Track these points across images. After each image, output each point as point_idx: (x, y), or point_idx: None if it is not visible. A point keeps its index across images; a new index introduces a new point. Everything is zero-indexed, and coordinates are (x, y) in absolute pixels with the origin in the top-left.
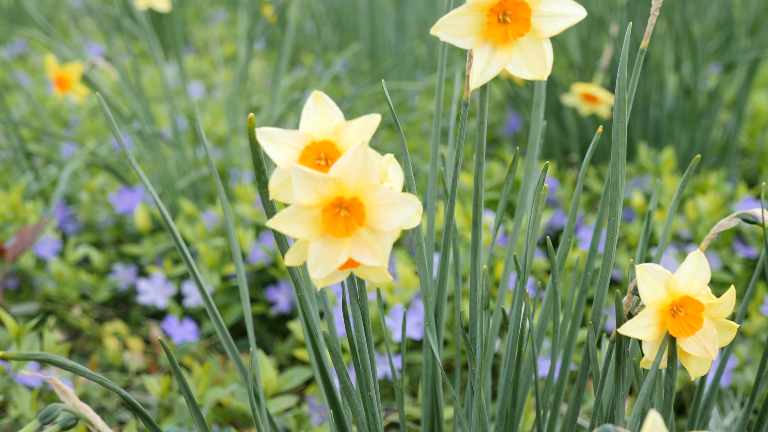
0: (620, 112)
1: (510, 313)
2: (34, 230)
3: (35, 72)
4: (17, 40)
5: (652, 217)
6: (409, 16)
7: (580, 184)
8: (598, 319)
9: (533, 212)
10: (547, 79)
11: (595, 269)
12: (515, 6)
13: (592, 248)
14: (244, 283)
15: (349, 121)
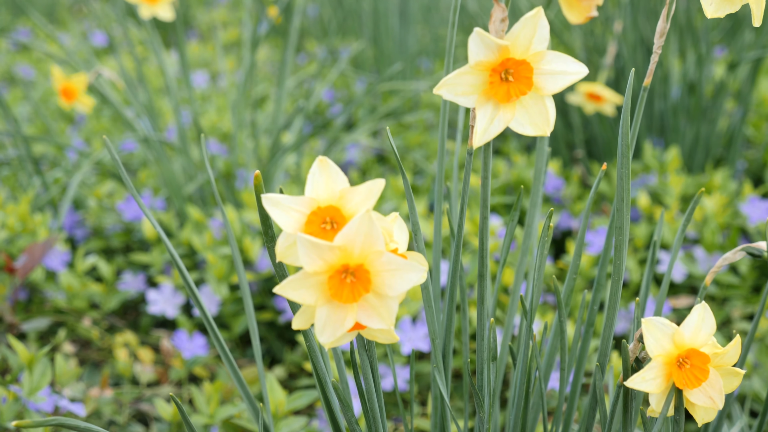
0: (624, 158)
1: (517, 353)
2: (43, 247)
3: (39, 62)
4: (21, 29)
5: (657, 247)
6: (413, 2)
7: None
8: (604, 361)
9: (539, 257)
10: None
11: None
12: (517, 65)
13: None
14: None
15: (354, 186)
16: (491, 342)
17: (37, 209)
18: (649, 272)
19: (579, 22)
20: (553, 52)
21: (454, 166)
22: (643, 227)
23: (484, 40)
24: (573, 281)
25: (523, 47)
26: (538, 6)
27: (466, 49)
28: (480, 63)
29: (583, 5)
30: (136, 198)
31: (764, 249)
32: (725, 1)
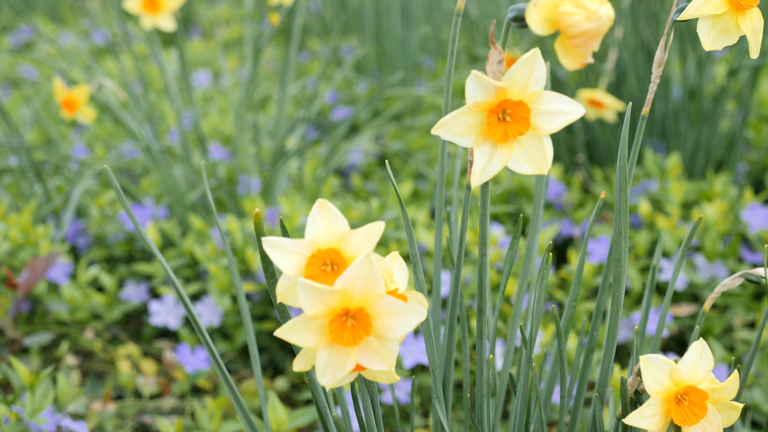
0: (622, 191)
1: (518, 379)
2: (46, 262)
3: (42, 63)
4: (23, 27)
5: (656, 272)
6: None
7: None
8: (604, 391)
9: (537, 289)
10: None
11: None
12: (514, 105)
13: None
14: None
15: (354, 229)
16: (490, 378)
17: (39, 218)
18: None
19: (575, 68)
20: (551, 92)
21: (456, 170)
22: (644, 235)
23: (482, 82)
24: (572, 309)
25: (521, 88)
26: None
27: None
28: (477, 104)
29: (578, 51)
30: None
31: (762, 275)
32: (723, 34)
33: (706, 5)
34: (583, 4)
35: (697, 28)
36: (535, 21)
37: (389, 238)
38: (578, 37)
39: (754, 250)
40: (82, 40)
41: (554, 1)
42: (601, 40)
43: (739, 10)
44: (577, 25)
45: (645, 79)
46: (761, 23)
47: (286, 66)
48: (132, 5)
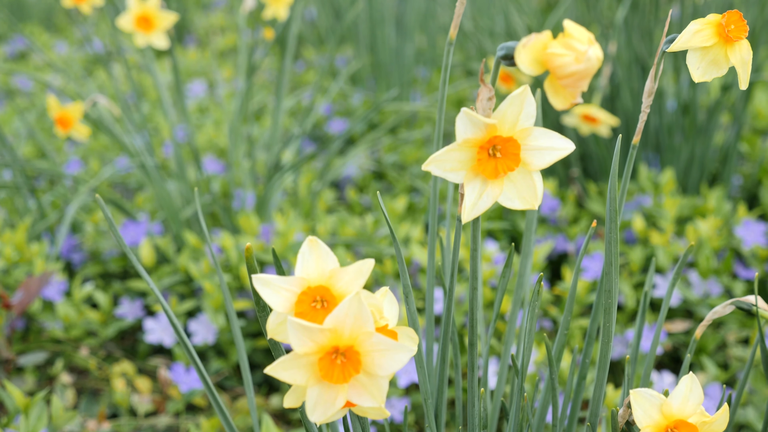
0: (612, 223)
1: (510, 406)
2: (40, 281)
3: (37, 71)
4: (18, 36)
5: (648, 297)
6: (409, 9)
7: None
8: (595, 421)
9: (528, 321)
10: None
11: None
12: (505, 142)
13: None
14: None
15: (344, 267)
16: (481, 411)
17: (34, 235)
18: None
19: (564, 108)
20: (540, 128)
21: (450, 184)
22: (638, 251)
23: (472, 119)
24: (564, 336)
25: (510, 124)
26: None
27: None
28: (468, 140)
29: (568, 91)
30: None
31: (753, 303)
32: (712, 66)
33: (696, 37)
34: (572, 45)
35: (687, 60)
36: (524, 62)
37: (384, 255)
38: (567, 78)
39: (748, 266)
40: (77, 50)
41: (543, 42)
42: (590, 81)
43: (728, 42)
44: (566, 66)
45: (639, 93)
46: (750, 55)
47: (281, 78)
48: (125, 23)
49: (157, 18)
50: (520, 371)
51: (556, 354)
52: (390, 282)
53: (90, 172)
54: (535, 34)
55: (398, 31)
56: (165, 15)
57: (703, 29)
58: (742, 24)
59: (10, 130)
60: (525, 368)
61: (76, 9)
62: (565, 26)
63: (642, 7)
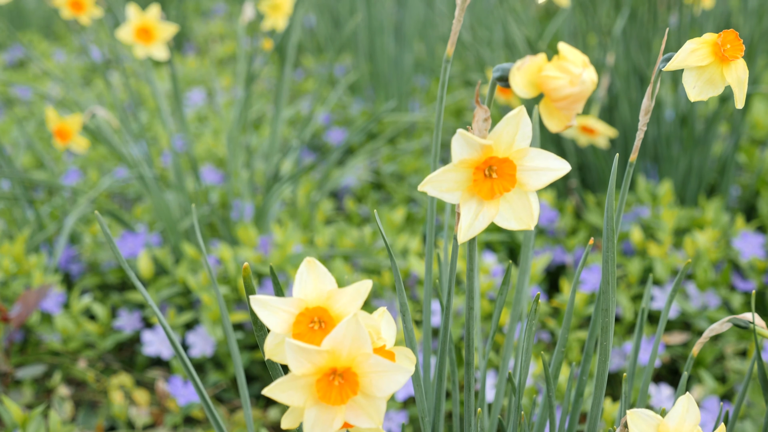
0: (609, 242)
1: (507, 423)
2: (38, 295)
3: (36, 80)
4: (17, 44)
5: (646, 313)
6: (408, 18)
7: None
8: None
9: (526, 339)
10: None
11: None
12: (501, 162)
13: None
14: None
15: (341, 288)
16: (479, 430)
17: (32, 246)
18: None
19: (559, 131)
20: (536, 149)
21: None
22: (636, 263)
23: (468, 140)
24: (561, 354)
25: (506, 145)
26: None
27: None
28: (464, 161)
29: (563, 114)
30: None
31: (750, 320)
32: (708, 85)
33: (692, 57)
34: (567, 68)
35: (683, 79)
36: (519, 84)
37: (382, 266)
38: (562, 101)
39: (746, 278)
40: (76, 58)
41: (538, 65)
42: (584, 103)
43: (724, 61)
44: (560, 89)
45: (637, 104)
46: (746, 74)
47: (280, 88)
48: (125, 35)
49: (157, 30)
50: (518, 389)
51: (554, 370)
52: (388, 294)
53: (89, 182)
54: (530, 57)
55: (397, 39)
56: (165, 26)
57: (699, 48)
58: (738, 43)
59: (9, 140)
60: (522, 387)
61: (75, 20)
62: (560, 49)
63: (640, 17)
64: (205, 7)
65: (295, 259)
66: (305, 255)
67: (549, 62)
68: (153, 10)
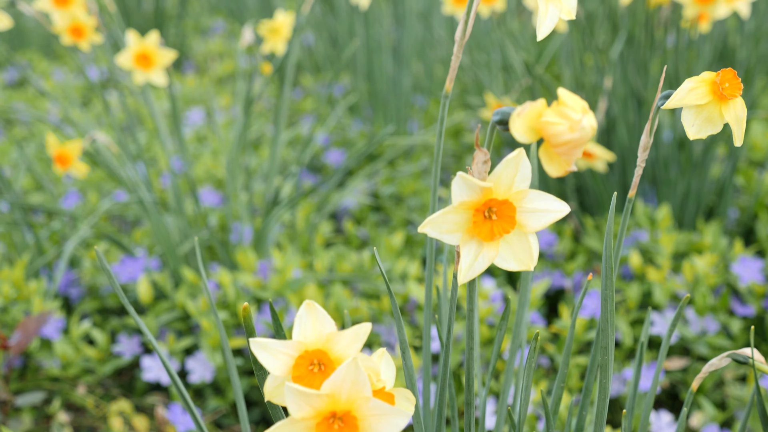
0: (608, 280)
1: None
2: (38, 322)
3: (35, 100)
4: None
5: (644, 347)
6: (406, 38)
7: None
8: None
9: (525, 377)
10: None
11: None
12: (500, 204)
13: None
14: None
15: (341, 331)
16: None
17: (32, 270)
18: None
19: (558, 176)
20: (535, 191)
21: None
22: (635, 288)
23: (467, 183)
24: (560, 391)
25: (506, 186)
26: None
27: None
28: (464, 203)
29: (562, 159)
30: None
31: (749, 355)
32: (707, 123)
33: (690, 95)
34: (567, 114)
35: (682, 117)
36: (519, 130)
37: (381, 291)
38: (562, 146)
39: (745, 303)
40: (75, 77)
41: (538, 111)
42: (584, 149)
43: (723, 100)
44: (560, 135)
45: (635, 127)
46: (744, 112)
47: (279, 110)
48: (125, 61)
49: (157, 55)
50: (517, 426)
51: (554, 404)
52: (387, 319)
53: (88, 204)
54: (530, 103)
55: (395, 59)
56: (164, 52)
57: (698, 87)
58: (736, 82)
59: (9, 161)
60: (522, 423)
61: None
62: (560, 94)
63: (637, 40)
64: (204, 26)
65: (294, 284)
66: (304, 280)
67: (548, 108)
68: (152, 36)
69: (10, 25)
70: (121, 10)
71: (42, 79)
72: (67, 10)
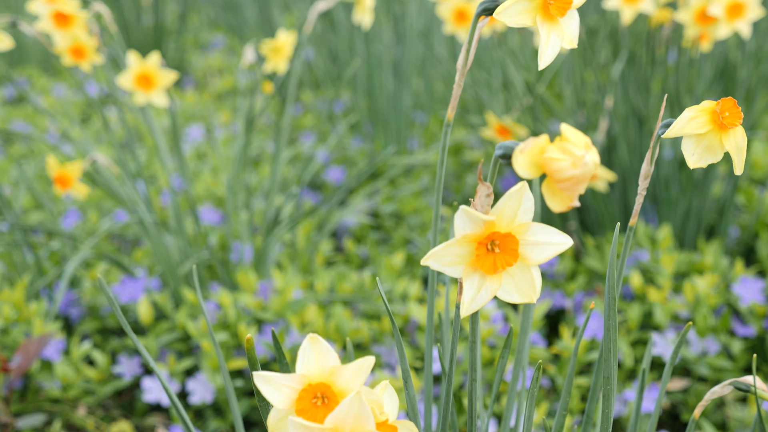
0: (611, 310)
1: None
2: (38, 344)
3: (35, 116)
4: (17, 78)
5: (647, 374)
6: (407, 55)
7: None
8: None
9: (528, 407)
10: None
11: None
12: (503, 237)
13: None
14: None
15: (344, 364)
16: None
17: (32, 291)
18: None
19: (561, 210)
20: (538, 224)
21: (451, 234)
22: (635, 308)
23: (470, 216)
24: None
25: (509, 219)
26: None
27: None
28: (466, 236)
29: (565, 194)
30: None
31: (751, 383)
32: (707, 152)
33: (690, 124)
34: (569, 150)
35: (682, 146)
36: (521, 166)
37: (382, 312)
38: (565, 182)
39: (746, 323)
40: (74, 93)
41: (541, 147)
42: (587, 185)
43: (723, 129)
44: (563, 171)
45: (635, 146)
46: (744, 141)
47: (280, 129)
48: (125, 82)
49: (158, 77)
50: None
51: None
52: (388, 340)
53: (88, 222)
54: (532, 139)
55: (396, 76)
56: (165, 74)
57: (698, 116)
58: (736, 111)
59: (9, 179)
60: None
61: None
62: (562, 130)
63: (638, 59)
64: (204, 41)
65: (295, 305)
66: (305, 301)
67: (551, 143)
68: (153, 57)
69: (12, 45)
70: (120, 25)
71: (41, 95)
72: (68, 30)
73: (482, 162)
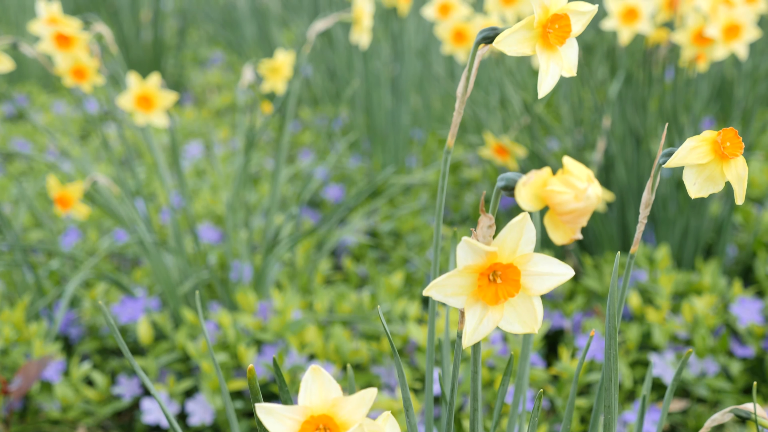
0: (611, 340)
1: None
2: (38, 366)
3: (35, 133)
4: (16, 95)
5: (647, 400)
6: (405, 73)
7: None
8: None
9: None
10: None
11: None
12: (505, 268)
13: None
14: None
15: (347, 396)
16: None
17: (33, 312)
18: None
19: (563, 243)
20: (540, 254)
21: (451, 257)
22: (634, 329)
23: (472, 247)
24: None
25: (510, 250)
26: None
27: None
28: (468, 267)
29: (568, 227)
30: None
31: (751, 411)
32: (708, 182)
33: (692, 154)
34: (572, 183)
35: (683, 176)
36: (524, 198)
37: (381, 332)
38: (567, 215)
39: (744, 344)
40: (74, 109)
41: (543, 179)
42: (589, 217)
43: (724, 159)
44: (565, 204)
45: (633, 166)
46: (746, 171)
47: (279, 148)
48: (125, 103)
49: (158, 98)
50: None
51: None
52: (387, 360)
53: (88, 241)
54: (534, 172)
55: (394, 93)
56: (165, 94)
57: (699, 146)
58: (737, 141)
59: (9, 197)
60: None
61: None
62: (565, 163)
63: (636, 79)
64: (203, 57)
65: (294, 326)
66: (305, 321)
67: (554, 176)
68: (153, 78)
69: (12, 67)
70: (119, 41)
71: (41, 111)
72: (69, 52)
73: (484, 193)
